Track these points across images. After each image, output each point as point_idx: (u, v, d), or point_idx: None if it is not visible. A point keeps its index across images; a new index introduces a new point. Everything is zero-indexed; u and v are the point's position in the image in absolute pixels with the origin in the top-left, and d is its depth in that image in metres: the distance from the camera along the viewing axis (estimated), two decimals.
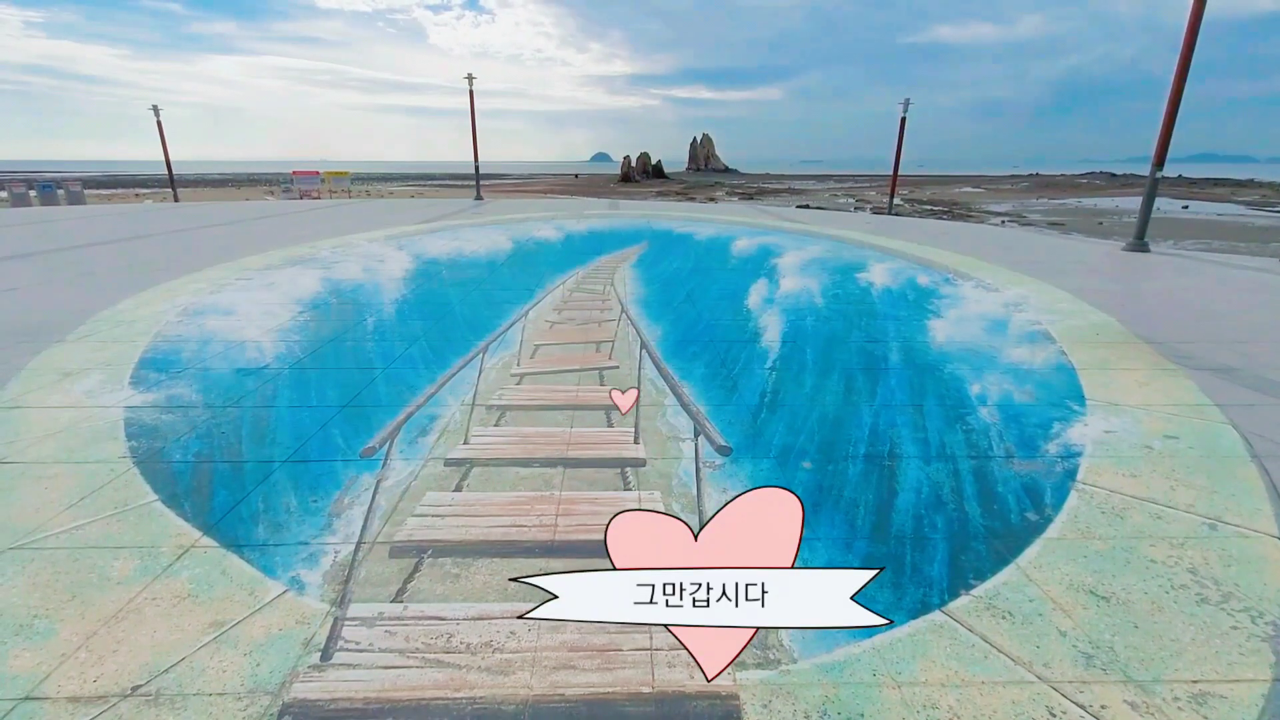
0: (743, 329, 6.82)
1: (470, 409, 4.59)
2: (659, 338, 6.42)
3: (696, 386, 5.06)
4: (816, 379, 5.29)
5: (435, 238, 13.91)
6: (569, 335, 6.58)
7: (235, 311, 7.29)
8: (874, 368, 5.59)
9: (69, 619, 2.47)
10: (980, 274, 10.05)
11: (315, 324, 6.81)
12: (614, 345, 6.22)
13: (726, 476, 3.65)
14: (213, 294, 8.17)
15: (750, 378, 5.30)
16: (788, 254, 11.96)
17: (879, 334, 6.61)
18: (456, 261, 10.92)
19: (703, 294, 8.51)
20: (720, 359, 5.76)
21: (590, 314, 7.44)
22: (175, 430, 4.16)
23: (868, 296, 8.42)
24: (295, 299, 7.92)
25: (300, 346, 6.02)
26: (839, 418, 4.49)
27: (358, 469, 3.70)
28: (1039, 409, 4.66)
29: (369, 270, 9.94)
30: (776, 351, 6.00)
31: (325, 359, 5.70)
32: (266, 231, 15.32)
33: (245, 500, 3.35)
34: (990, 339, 6.45)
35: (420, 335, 6.44)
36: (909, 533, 3.12)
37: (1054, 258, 12.34)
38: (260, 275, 9.42)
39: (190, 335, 6.31)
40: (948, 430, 4.29)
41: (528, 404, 4.73)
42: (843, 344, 6.28)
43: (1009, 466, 3.79)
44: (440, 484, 3.55)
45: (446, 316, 7.25)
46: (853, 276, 9.77)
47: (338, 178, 37.60)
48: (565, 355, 5.93)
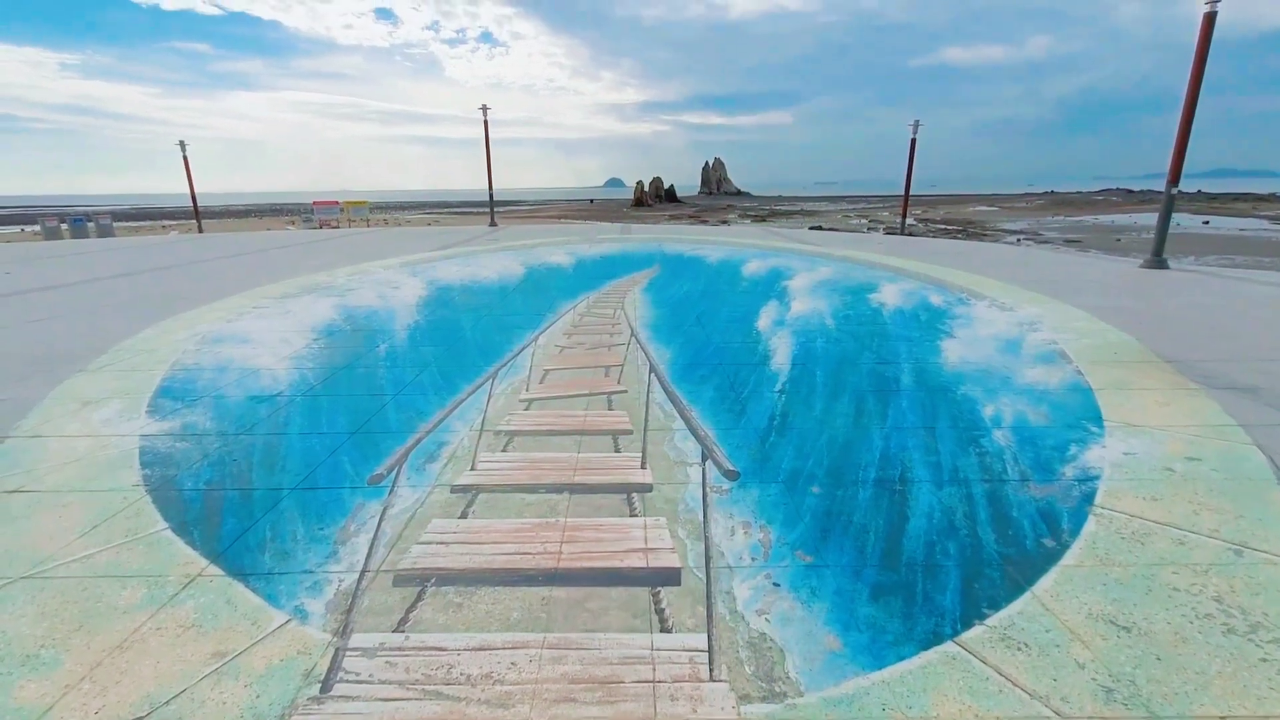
0: (752, 352, 6.80)
1: (478, 435, 4.60)
2: (668, 361, 6.42)
3: (705, 410, 5.04)
4: (826, 402, 5.24)
5: (448, 264, 14.12)
6: (578, 360, 6.60)
7: (251, 340, 7.43)
8: (885, 390, 5.53)
9: (75, 649, 2.49)
10: (994, 293, 9.96)
11: (328, 351, 6.91)
12: (622, 370, 6.22)
13: (733, 502, 3.60)
14: (230, 322, 8.34)
15: (759, 401, 5.27)
16: (798, 276, 11.96)
17: (890, 356, 6.55)
18: (469, 288, 11.07)
19: (713, 317, 8.52)
20: (729, 382, 5.73)
21: (600, 338, 7.47)
22: (188, 458, 4.22)
23: (879, 317, 8.37)
24: (310, 326, 8.05)
25: (313, 373, 6.10)
26: (849, 441, 4.43)
27: (365, 496, 3.71)
28: (1055, 431, 4.56)
29: (382, 297, 10.10)
30: (786, 374, 5.97)
31: (337, 386, 5.76)
32: (286, 260, 15.66)
33: (253, 528, 3.37)
34: (1005, 359, 6.35)
35: (431, 361, 6.51)
36: (920, 560, 3.05)
37: (1070, 276, 12.21)
38: (277, 304, 9.61)
39: (207, 363, 6.43)
40: (960, 453, 4.21)
41: (535, 429, 4.73)
42: (854, 366, 6.22)
43: (1024, 491, 3.70)
44: (446, 511, 3.54)
45: (457, 342, 7.33)
46: (864, 297, 9.73)
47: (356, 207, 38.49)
48: (574, 380, 5.95)
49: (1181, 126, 11.91)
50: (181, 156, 27.73)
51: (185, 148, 27.75)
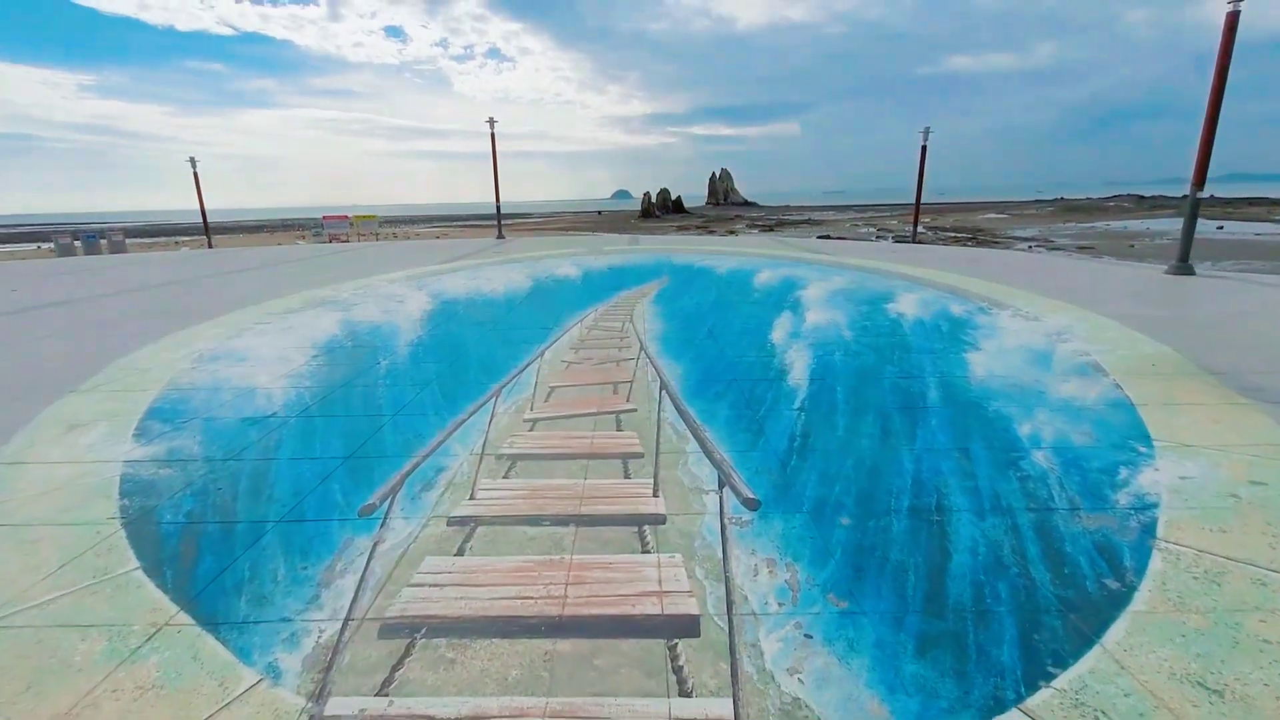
0: (768, 366, 6.48)
1: (479, 459, 4.32)
2: (679, 377, 6.12)
3: (720, 430, 4.73)
4: (850, 420, 4.91)
5: (454, 277, 13.93)
6: (585, 376, 6.32)
7: (250, 357, 7.21)
8: (912, 407, 5.19)
9: (19, 716, 2.21)
10: (1016, 302, 9.60)
11: (327, 369, 6.67)
12: (632, 386, 5.93)
13: (755, 535, 3.29)
14: (230, 339, 8.14)
15: (778, 420, 4.95)
16: (812, 286, 11.64)
17: (914, 369, 6.21)
18: (474, 301, 10.84)
19: (725, 329, 8.22)
20: (745, 399, 5.42)
21: (607, 353, 7.18)
22: (170, 487, 3.96)
23: (899, 329, 8.04)
24: (310, 343, 7.83)
25: (310, 393, 5.85)
26: (877, 465, 4.11)
27: (355, 529, 3.43)
28: (1100, 452, 4.21)
29: (386, 312, 9.89)
30: (805, 390, 5.65)
31: (333, 406, 5.51)
32: (293, 275, 15.55)
33: (231, 567, 3.09)
34: (1036, 373, 6.00)
35: (433, 379, 6.24)
36: (969, 604, 2.72)
37: (1093, 283, 11.81)
38: (279, 319, 9.42)
39: (201, 383, 6.20)
40: (1000, 478, 3.87)
41: (540, 453, 4.44)
42: (876, 381, 5.89)
43: (1076, 521, 3.36)
44: (441, 546, 3.25)
45: (460, 359, 7.07)
46: (882, 308, 9.40)
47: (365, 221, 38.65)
48: (581, 398, 5.66)
49: (1205, 128, 11.55)
50: (193, 174, 27.93)
51: (195, 164, 27.94)
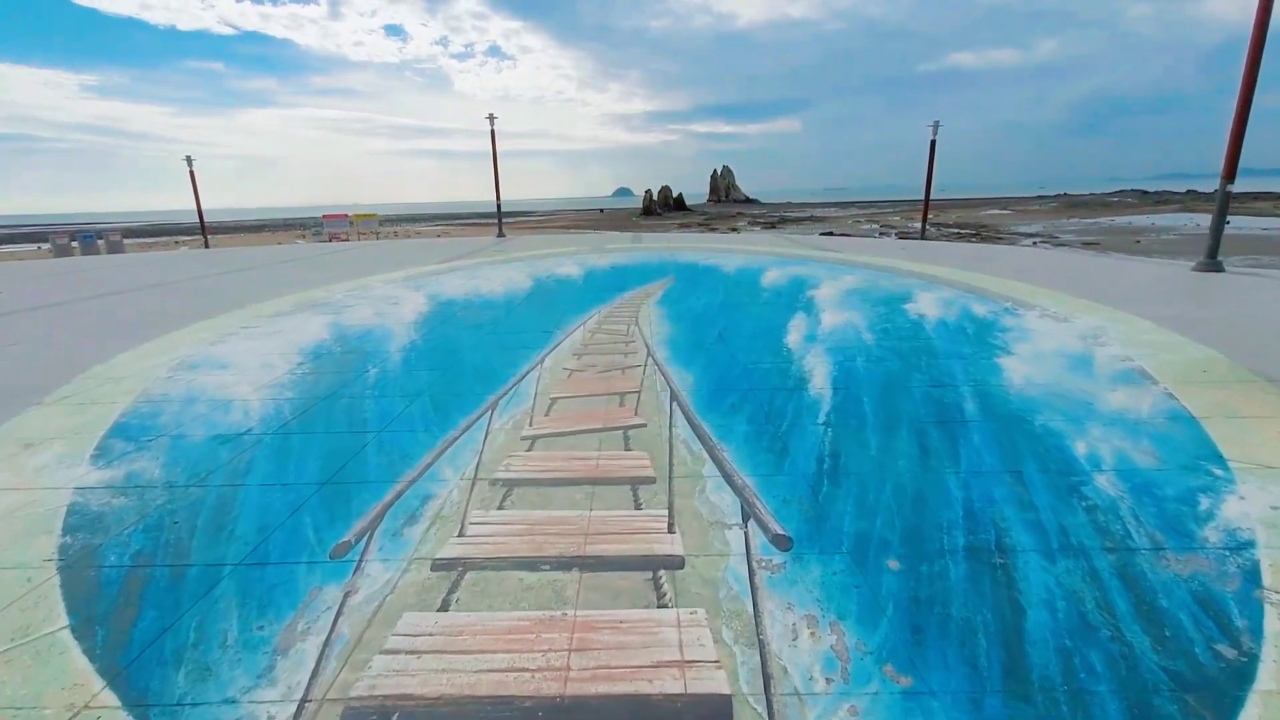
0: (785, 374, 6.00)
1: (471, 485, 3.85)
2: (690, 387, 5.65)
3: (739, 449, 4.26)
4: (882, 437, 4.44)
5: (452, 278, 13.46)
6: (589, 386, 5.85)
7: (231, 365, 6.75)
8: (948, 420, 4.72)
9: None
10: (1041, 301, 9.10)
11: (312, 378, 6.21)
12: (640, 397, 5.46)
13: (789, 583, 2.82)
14: (214, 345, 7.69)
15: (802, 436, 4.48)
16: (824, 285, 11.15)
17: (945, 377, 5.73)
18: (471, 303, 10.37)
19: (736, 333, 7.74)
20: (764, 412, 4.95)
21: (613, 359, 6.71)
22: (121, 521, 3.50)
23: (922, 331, 7.55)
24: (298, 349, 7.37)
25: (291, 406, 5.39)
26: (920, 491, 3.64)
27: (324, 574, 2.97)
28: (1172, 476, 3.73)
29: (379, 314, 9.42)
30: (829, 401, 5.17)
31: (314, 421, 5.05)
32: (288, 275, 15.10)
33: (175, 627, 2.63)
34: (1079, 381, 5.52)
35: (425, 389, 5.78)
36: (1057, 679, 2.25)
37: (1117, 281, 11.31)
38: (268, 323, 8.97)
39: (176, 394, 5.75)
40: (1064, 508, 3.40)
41: (539, 477, 3.97)
42: (904, 390, 5.42)
43: (1163, 564, 2.88)
44: (423, 597, 2.79)
45: (455, 366, 6.60)
46: (900, 308, 8.91)
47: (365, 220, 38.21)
48: (584, 412, 5.19)
49: (1237, 117, 11.03)
50: (189, 172, 27.52)
51: (191, 163, 27.53)
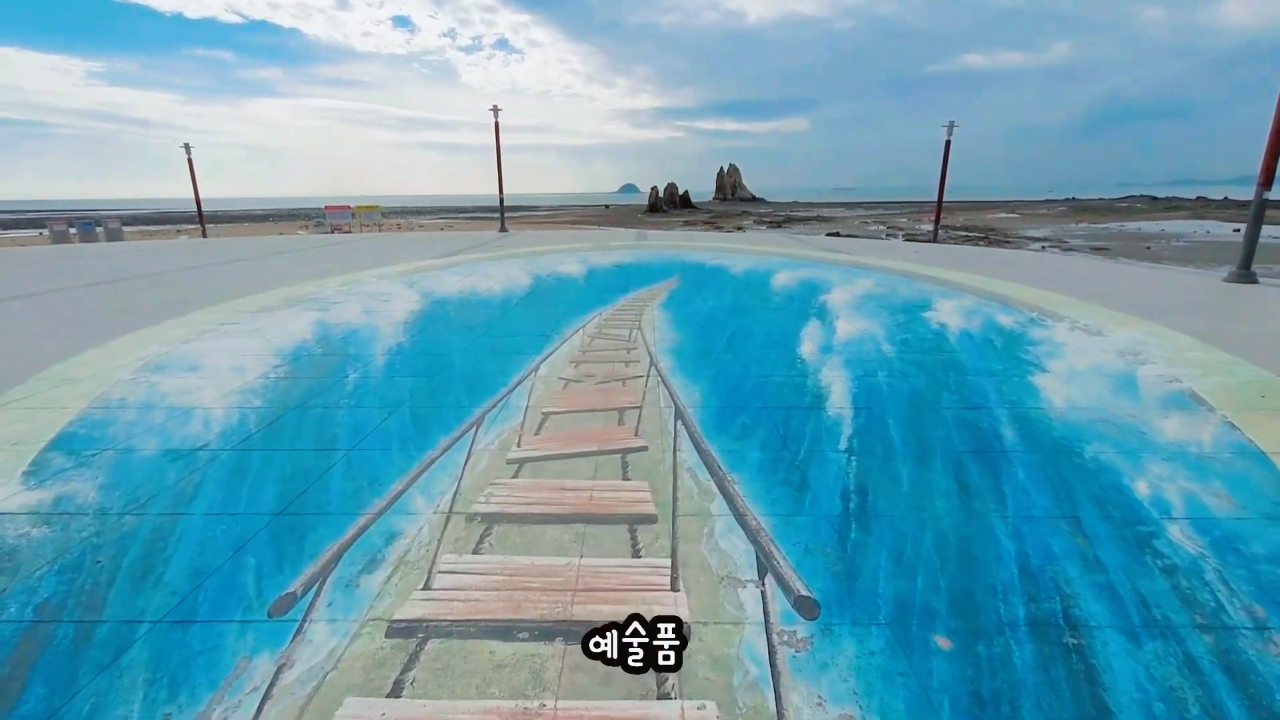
0: (801, 390, 5.49)
1: (445, 521, 3.35)
2: (697, 403, 5.14)
3: (752, 481, 3.75)
4: (915, 469, 3.92)
5: (448, 274, 12.96)
6: (585, 399, 5.34)
7: (201, 366, 6.27)
8: (987, 450, 4.20)
9: None
10: (1070, 311, 8.57)
11: (286, 383, 5.72)
12: (641, 413, 4.95)
13: (819, 667, 2.31)
14: (188, 343, 7.20)
15: (824, 467, 3.97)
16: (837, 290, 10.62)
17: (978, 397, 5.22)
18: (466, 302, 9.86)
19: (746, 340, 7.23)
20: (779, 436, 4.44)
21: (612, 368, 6.21)
22: (35, 559, 3.01)
23: (946, 344, 7.02)
24: (275, 349, 6.88)
25: (258, 415, 4.90)
26: (966, 542, 3.13)
27: (259, 638, 2.48)
28: (1255, 528, 3.21)
29: (368, 312, 8.93)
30: (851, 424, 4.66)
31: (279, 435, 4.55)
32: (281, 268, 14.63)
33: (64, 709, 2.14)
34: (1126, 405, 5.00)
35: (406, 399, 5.28)
36: None
37: (1148, 291, 10.76)
38: (249, 319, 8.48)
39: (134, 400, 5.27)
40: (1137, 569, 2.88)
41: (523, 512, 3.47)
42: (934, 412, 4.90)
43: (1272, 649, 2.37)
44: (372, 675, 2.29)
45: (442, 372, 6.10)
46: (920, 317, 8.38)
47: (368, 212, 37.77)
48: (579, 430, 4.68)
49: (1276, 120, 10.45)
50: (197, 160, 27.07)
51: (189, 150, 27.08)
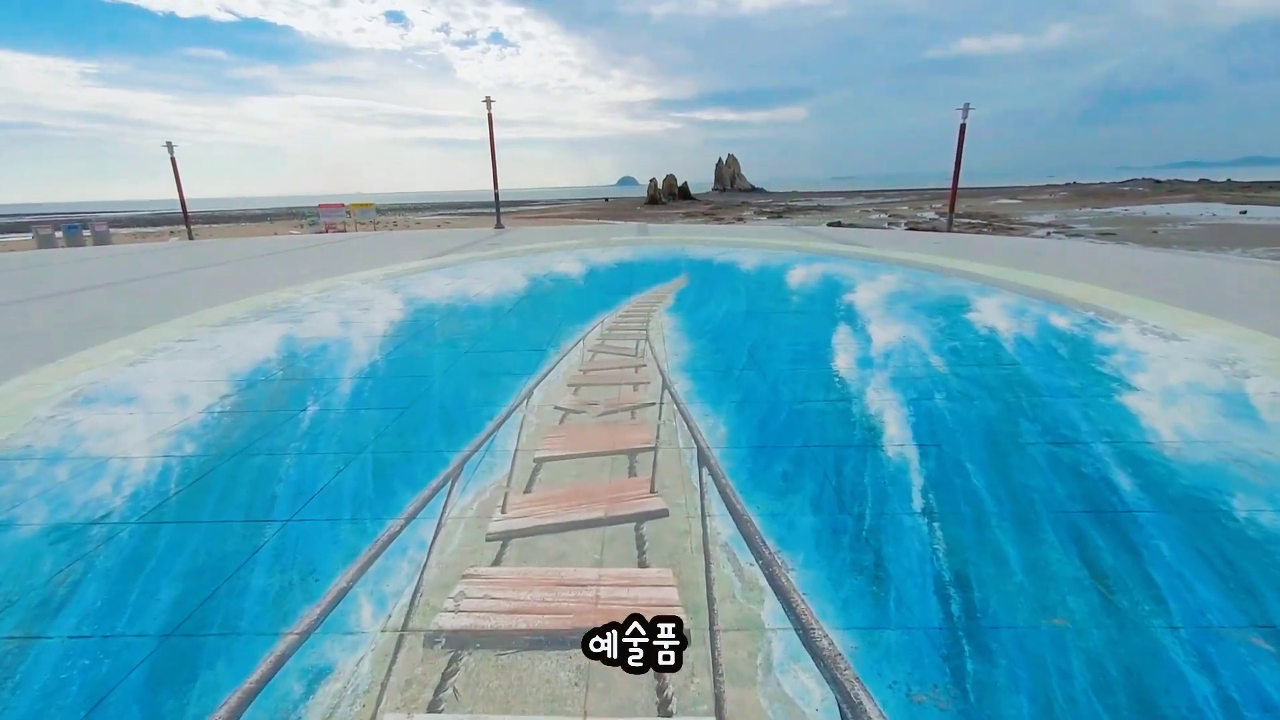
0: (847, 420, 4.54)
1: (395, 646, 2.43)
2: (723, 440, 4.20)
3: (812, 565, 2.82)
4: (1023, 544, 2.98)
5: (437, 277, 11.99)
6: (587, 439, 4.39)
7: (137, 398, 5.34)
8: (1106, 509, 3.26)
9: None
10: (1128, 309, 7.62)
11: (229, 421, 4.79)
12: (656, 458, 4.01)
13: None
14: (131, 367, 6.28)
15: (901, 543, 3.02)
16: (861, 288, 9.65)
17: (1065, 428, 4.27)
18: (453, 310, 8.90)
19: (770, 353, 6.28)
20: (832, 491, 3.50)
21: (619, 394, 5.27)
22: None
23: (1003, 353, 6.06)
24: (228, 374, 5.95)
25: (182, 469, 3.97)
26: (1133, 675, 2.20)
27: None
28: None
29: (343, 324, 7.98)
30: (919, 471, 3.71)
31: (203, 499, 3.61)
32: (260, 272, 13.70)
33: None
34: (1253, 436, 4.05)
35: (368, 444, 4.34)
36: None
37: (1206, 284, 9.78)
38: (208, 336, 7.54)
39: (41, 447, 4.34)
40: None
41: (504, 629, 2.53)
42: (1018, 450, 3.95)
43: None
44: None
45: (417, 404, 5.16)
46: (963, 320, 7.42)
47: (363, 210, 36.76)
48: (580, 488, 3.75)
49: None
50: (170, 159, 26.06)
51: (173, 149, 26.08)
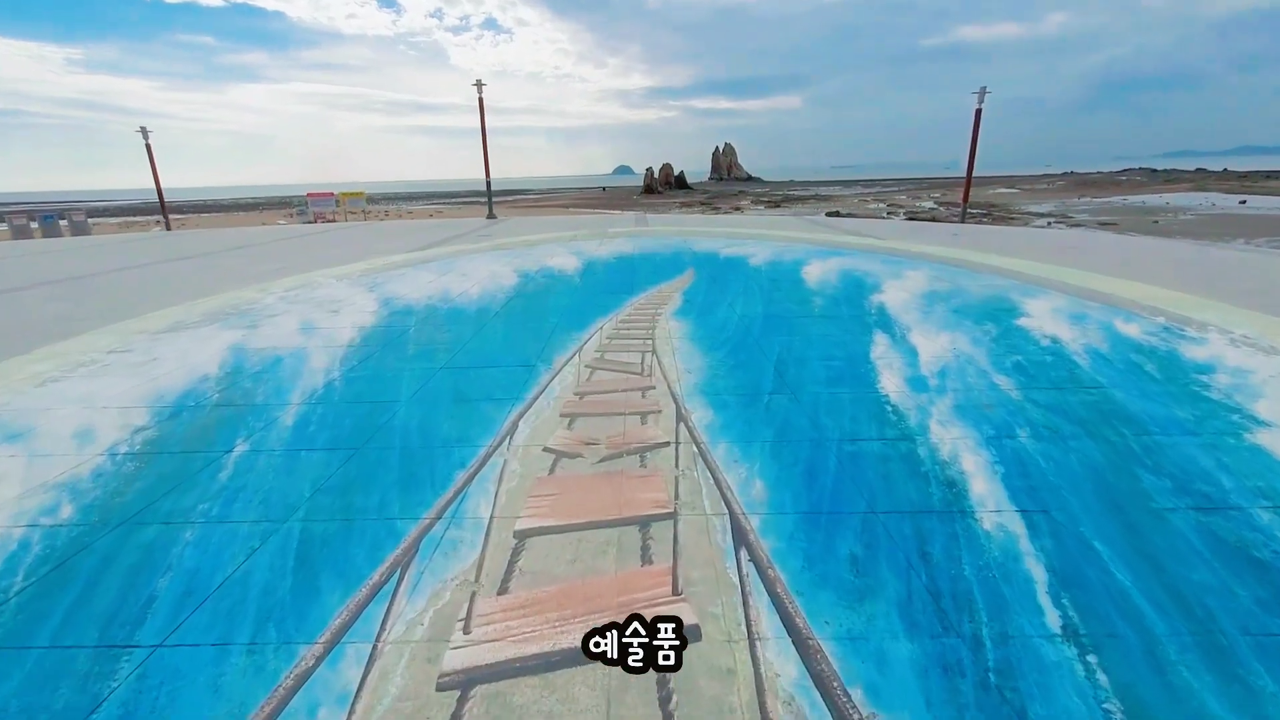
0: (916, 470, 3.59)
1: None
2: (759, 498, 3.26)
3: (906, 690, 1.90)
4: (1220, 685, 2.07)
5: (420, 274, 10.96)
6: (586, 501, 3.43)
7: (31, 432, 4.36)
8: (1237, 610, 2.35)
9: None
10: (1205, 315, 6.69)
11: (131, 469, 3.81)
12: (677, 526, 3.07)
13: None
14: (40, 386, 5.29)
15: (1051, 694, 2.10)
16: (890, 288, 8.69)
17: (1203, 483, 3.32)
18: (433, 313, 7.89)
19: (801, 371, 5.31)
20: (925, 593, 2.57)
21: (624, 429, 4.31)
22: None
23: (1079, 372, 5.11)
24: (151, 399, 4.96)
25: (39, 552, 3.00)
26: None
27: None
28: None
29: (304, 331, 6.98)
30: (1037, 558, 2.77)
31: (52, 603, 2.65)
32: (229, 267, 12.64)
33: None
34: None
35: (299, 507, 3.35)
36: None
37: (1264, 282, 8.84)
38: (145, 345, 6.54)
39: None
40: None
41: None
42: (1155, 520, 3.02)
43: None
44: None
45: (370, 444, 4.17)
46: (1018, 328, 6.46)
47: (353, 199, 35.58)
48: (578, 585, 2.80)
49: None
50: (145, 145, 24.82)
51: (147, 135, 24.85)
